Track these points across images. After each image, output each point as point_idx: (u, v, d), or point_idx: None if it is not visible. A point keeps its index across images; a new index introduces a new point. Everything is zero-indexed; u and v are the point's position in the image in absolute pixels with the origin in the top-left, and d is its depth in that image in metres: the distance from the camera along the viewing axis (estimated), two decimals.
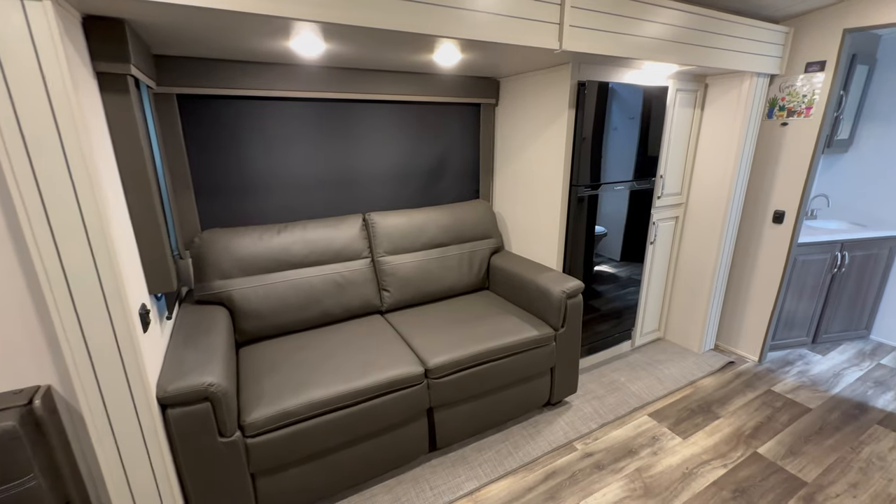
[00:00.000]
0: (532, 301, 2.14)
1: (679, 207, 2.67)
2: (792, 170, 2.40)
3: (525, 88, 2.27)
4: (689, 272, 2.75)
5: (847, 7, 2.09)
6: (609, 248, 2.42)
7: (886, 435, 2.06)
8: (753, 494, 1.73)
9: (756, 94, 2.33)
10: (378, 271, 2.18)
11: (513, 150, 2.45)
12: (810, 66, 2.26)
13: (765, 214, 2.55)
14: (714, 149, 2.50)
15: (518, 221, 2.50)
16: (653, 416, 2.20)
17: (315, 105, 2.11)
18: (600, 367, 2.61)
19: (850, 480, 1.80)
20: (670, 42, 1.87)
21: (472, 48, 1.62)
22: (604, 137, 2.12)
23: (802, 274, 2.67)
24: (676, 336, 2.91)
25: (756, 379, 2.53)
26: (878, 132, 2.83)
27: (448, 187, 2.59)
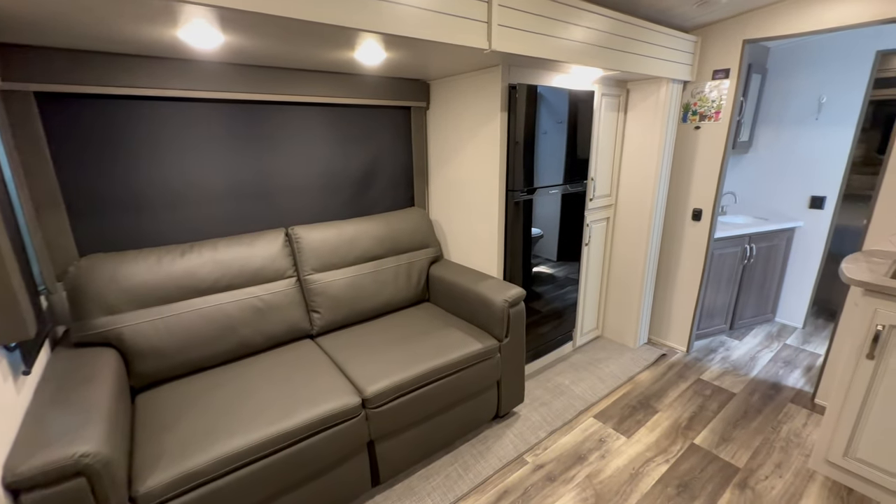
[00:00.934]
0: (474, 312, 2.06)
1: (609, 209, 2.75)
2: (706, 170, 2.56)
3: (456, 91, 2.19)
4: (621, 270, 2.84)
5: (745, 20, 2.26)
6: (546, 249, 2.41)
7: (798, 412, 2.25)
8: (695, 487, 1.78)
9: (672, 99, 2.45)
10: (305, 291, 1.97)
11: (446, 155, 2.36)
12: (717, 73, 2.43)
13: (685, 213, 2.70)
14: (638, 151, 2.60)
15: (456, 229, 2.41)
16: (598, 418, 2.20)
17: (224, 107, 1.86)
18: (545, 372, 2.60)
19: (774, 461, 1.91)
20: (595, 46, 1.88)
21: (397, 46, 1.50)
22: (536, 141, 2.10)
23: (719, 266, 2.86)
24: (614, 333, 2.99)
25: (686, 369, 2.66)
26: (771, 135, 3.14)
27: (381, 195, 2.44)
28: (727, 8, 2.16)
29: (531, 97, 1.98)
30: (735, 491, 1.75)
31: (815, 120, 2.92)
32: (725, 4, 2.11)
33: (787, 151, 3.08)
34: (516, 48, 1.58)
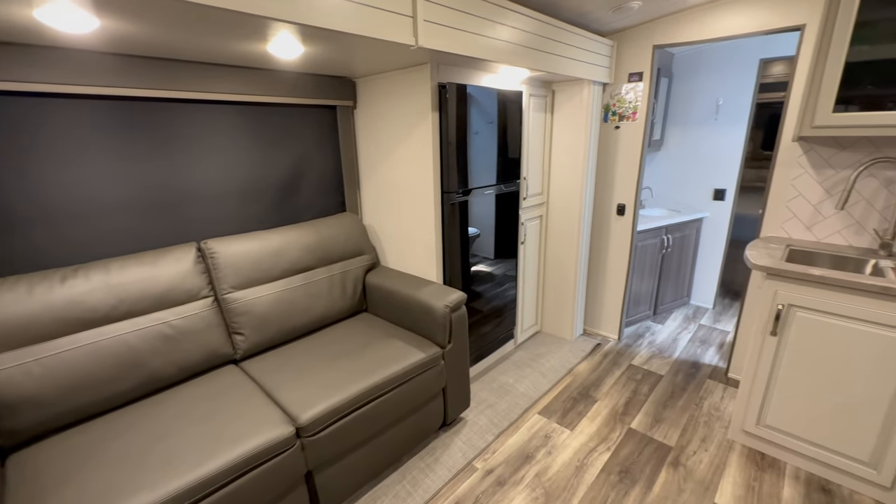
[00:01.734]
0: (415, 319, 1.98)
1: (542, 207, 2.82)
2: (627, 167, 2.71)
3: (384, 90, 2.09)
4: (556, 265, 2.93)
5: (654, 27, 2.42)
6: (483, 248, 2.40)
7: (716, 387, 2.46)
8: (635, 471, 1.86)
9: (594, 100, 2.56)
10: (225, 312, 1.76)
11: (378, 156, 2.25)
12: (632, 76, 2.57)
13: (610, 208, 2.85)
14: (565, 151, 2.68)
15: (392, 233, 2.31)
16: (542, 414, 2.24)
17: (114, 106, 1.59)
18: (489, 372, 2.60)
19: (700, 435, 2.07)
20: (522, 47, 1.89)
21: (316, 39, 1.37)
22: (468, 142, 2.07)
23: (642, 257, 3.06)
24: (552, 327, 3.08)
25: (619, 356, 2.81)
26: (678, 134, 3.42)
27: (308, 201, 2.27)
28: (638, 15, 2.29)
29: (462, 97, 1.95)
30: (669, 469, 1.86)
31: (714, 120, 3.23)
32: (637, 12, 2.23)
33: (693, 148, 3.37)
34: (444, 45, 1.52)
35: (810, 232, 2.12)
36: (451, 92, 1.88)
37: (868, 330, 1.58)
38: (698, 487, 1.76)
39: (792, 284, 1.71)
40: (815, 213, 2.09)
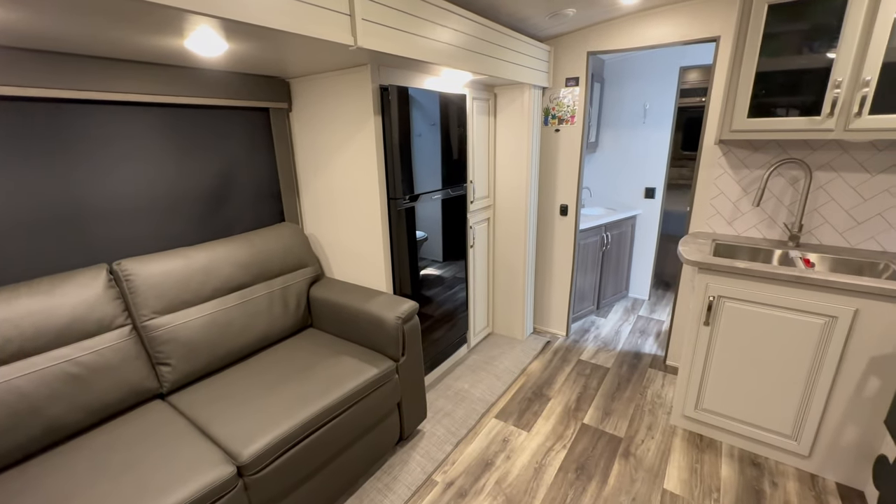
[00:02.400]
0: (365, 333, 1.88)
1: (489, 209, 2.83)
2: (568, 169, 2.80)
3: (322, 91, 1.97)
4: (505, 267, 2.95)
5: (587, 34, 2.51)
6: (431, 251, 2.35)
7: (657, 375, 2.61)
8: (590, 466, 1.90)
9: (535, 104, 2.61)
10: (147, 341, 1.55)
11: (318, 162, 2.12)
12: (569, 81, 2.66)
13: (554, 208, 2.92)
14: (509, 153, 2.71)
15: (336, 243, 2.19)
16: (499, 417, 2.23)
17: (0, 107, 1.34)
18: (444, 379, 2.56)
19: (646, 424, 2.17)
20: (464, 50, 1.87)
21: (243, 35, 1.24)
22: (414, 147, 2.01)
23: (584, 254, 3.18)
24: (503, 328, 3.11)
25: (568, 352, 2.89)
26: (612, 136, 3.61)
27: (241, 212, 2.08)
28: (573, 22, 2.37)
29: (404, 100, 1.88)
30: (622, 461, 1.93)
31: (642, 123, 3.44)
32: (572, 19, 2.30)
33: (625, 150, 3.57)
34: (385, 46, 1.45)
35: (731, 227, 2.31)
36: (394, 95, 1.81)
37: (785, 315, 1.74)
38: (648, 475, 1.85)
39: (721, 277, 1.84)
40: (735, 210, 2.28)
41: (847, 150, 1.95)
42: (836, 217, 2.04)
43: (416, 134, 2.01)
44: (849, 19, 1.62)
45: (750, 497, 1.73)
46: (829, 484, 1.78)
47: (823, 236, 2.08)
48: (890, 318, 1.55)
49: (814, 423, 1.77)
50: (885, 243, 1.96)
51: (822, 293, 1.65)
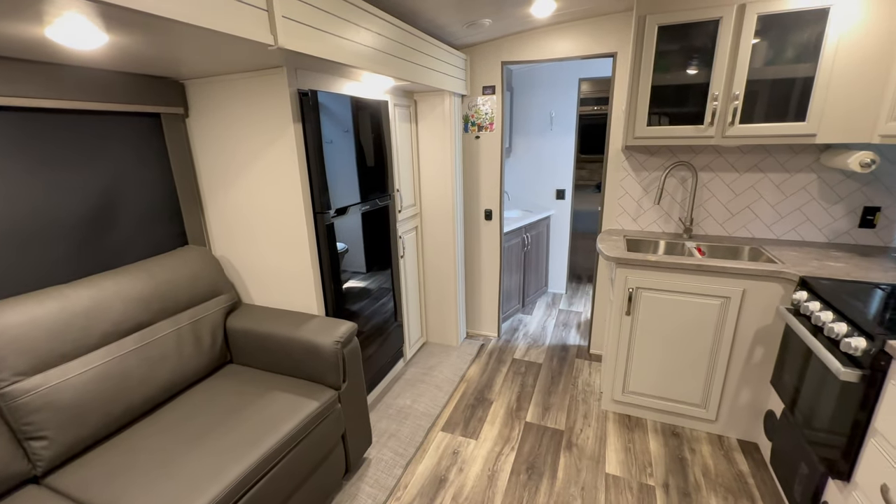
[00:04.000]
0: (298, 363, 1.70)
1: (416, 218, 2.78)
2: (490, 174, 2.87)
3: (227, 95, 1.74)
4: (436, 274, 2.92)
5: (501, 45, 2.60)
6: (353, 262, 2.21)
7: (584, 364, 2.79)
8: (539, 463, 1.95)
9: (455, 111, 2.63)
10: (8, 412, 1.20)
11: (227, 175, 1.87)
12: (486, 89, 2.73)
13: (479, 213, 2.98)
14: (433, 161, 2.69)
15: (254, 265, 1.95)
16: (446, 430, 2.19)
17: None
18: (384, 398, 2.44)
19: (582, 413, 2.30)
20: (387, 55, 1.79)
21: (125, 25, 1.02)
22: (338, 156, 1.88)
23: (509, 256, 3.30)
24: (438, 336, 3.08)
25: (502, 353, 2.96)
26: (524, 142, 3.80)
27: (132, 237, 1.75)
28: (489, 32, 2.43)
29: (328, 106, 1.75)
30: (566, 453, 2.01)
31: (550, 130, 3.68)
32: (487, 29, 2.36)
33: (536, 155, 3.78)
34: (309, 48, 1.32)
35: (636, 223, 2.57)
36: (315, 100, 1.67)
37: (690, 300, 1.97)
38: (591, 463, 1.95)
39: (637, 270, 2.02)
40: (639, 208, 2.54)
41: (721, 154, 2.29)
42: (717, 210, 2.37)
43: (340, 143, 1.88)
44: (720, 42, 1.89)
45: (676, 465, 1.92)
46: (732, 441, 2.06)
47: (708, 228, 2.41)
48: (768, 294, 1.84)
49: (717, 391, 2.03)
50: (754, 231, 2.33)
51: (718, 278, 1.90)
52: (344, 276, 2.08)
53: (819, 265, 1.82)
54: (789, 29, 1.81)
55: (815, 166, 2.14)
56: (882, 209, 2.08)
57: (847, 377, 1.27)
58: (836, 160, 1.94)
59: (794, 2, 1.76)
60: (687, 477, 1.85)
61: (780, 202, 2.24)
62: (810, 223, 2.21)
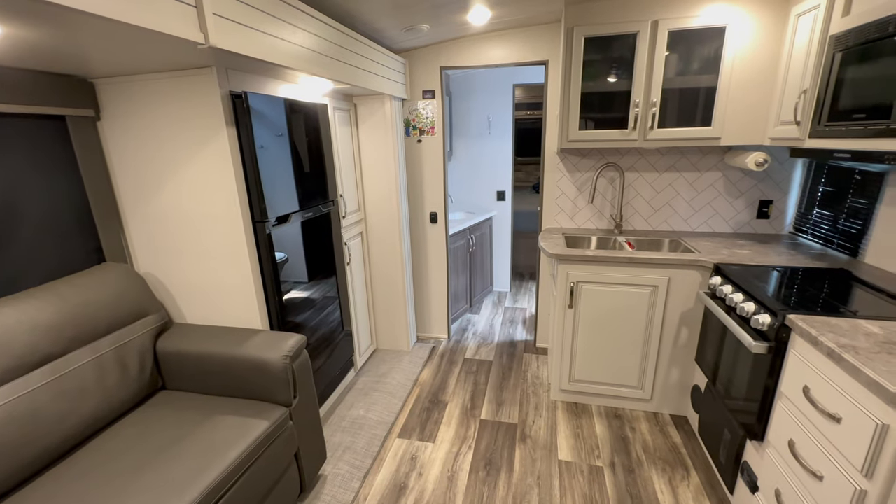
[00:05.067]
0: (244, 382, 1.60)
1: (361, 223, 2.72)
2: (433, 178, 2.90)
3: (149, 96, 1.59)
4: (383, 280, 2.89)
5: (439, 50, 2.64)
6: (294, 272, 2.12)
7: (531, 358, 2.91)
8: (496, 458, 2.00)
9: (395, 115, 2.62)
10: None
11: (148, 183, 1.70)
12: (425, 93, 2.75)
13: (424, 217, 2.99)
14: (376, 165, 2.66)
15: (187, 280, 1.80)
16: (402, 436, 2.17)
17: None
18: (337, 409, 2.36)
19: (533, 405, 2.40)
20: (326, 57, 1.75)
21: (22, 15, 0.90)
22: (277, 161, 1.79)
23: (455, 258, 3.34)
24: (388, 342, 3.04)
25: (453, 353, 3.00)
26: (464, 145, 3.88)
27: (37, 256, 1.53)
28: (427, 37, 2.45)
29: (264, 109, 1.66)
30: (521, 446, 2.08)
31: (488, 133, 3.80)
32: (426, 34, 2.38)
33: (477, 158, 3.88)
34: (242, 47, 1.25)
35: (573, 221, 2.73)
36: (250, 103, 1.58)
37: (624, 290, 2.13)
38: (544, 452, 2.04)
39: (577, 265, 2.15)
40: (574, 207, 2.70)
41: (644, 155, 2.51)
42: (642, 207, 2.60)
43: (276, 147, 1.79)
44: (638, 54, 2.07)
45: (619, 444, 2.07)
46: (666, 417, 2.26)
47: (636, 223, 2.63)
48: (689, 281, 2.04)
49: (651, 372, 2.22)
50: (673, 224, 2.58)
51: (646, 268, 2.07)
52: (285, 287, 1.99)
53: (729, 253, 2.06)
54: (695, 44, 2.03)
55: (720, 165, 2.42)
56: (774, 202, 2.41)
57: (757, 350, 1.45)
58: (737, 160, 2.21)
59: (696, 20, 1.98)
60: (630, 454, 2.00)
61: (693, 198, 2.50)
62: (719, 216, 2.50)
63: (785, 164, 2.33)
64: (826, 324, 1.27)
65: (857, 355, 1.09)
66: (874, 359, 1.07)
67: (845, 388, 1.11)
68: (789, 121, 1.84)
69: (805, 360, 1.27)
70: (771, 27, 1.93)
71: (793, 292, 1.55)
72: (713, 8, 1.96)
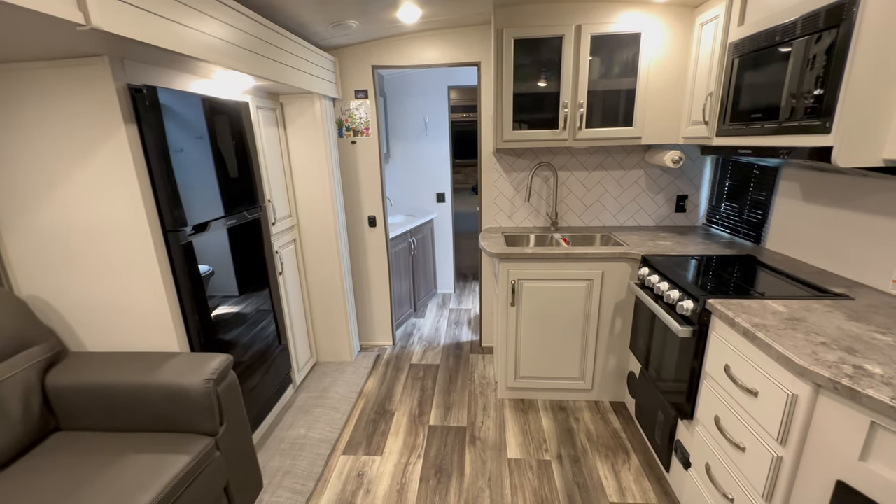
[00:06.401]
0: (159, 413, 1.41)
1: (294, 230, 2.56)
2: (370, 180, 2.80)
3: (28, 88, 1.35)
4: (321, 289, 2.74)
5: (371, 48, 2.56)
6: (222, 286, 1.95)
7: (478, 358, 2.91)
8: (446, 465, 1.96)
9: (326, 115, 2.50)
10: None
11: (35, 190, 1.45)
12: (358, 93, 2.66)
13: (362, 221, 2.89)
14: (307, 167, 2.52)
15: (85, 301, 1.56)
16: (348, 452, 2.05)
17: None
18: (275, 431, 2.18)
19: (481, 406, 2.39)
20: (243, 49, 1.61)
21: None
22: (189, 164, 1.61)
23: (396, 261, 3.27)
24: (329, 354, 2.88)
25: (399, 360, 2.92)
26: (402, 147, 3.82)
27: None
28: (357, 35, 2.37)
29: (172, 106, 1.48)
30: (471, 448, 2.06)
31: (426, 135, 3.77)
32: (355, 31, 2.29)
33: (415, 160, 3.84)
34: (137, 33, 1.10)
35: (511, 220, 2.77)
36: (154, 98, 1.40)
37: (563, 285, 2.19)
38: (494, 452, 2.03)
39: (517, 263, 2.18)
40: (512, 206, 2.75)
41: (574, 155, 2.61)
42: (575, 204, 2.70)
43: (191, 149, 1.62)
44: (564, 57, 2.15)
45: (565, 436, 2.12)
46: (606, 405, 2.36)
47: (570, 220, 2.73)
48: (620, 273, 2.15)
49: (591, 363, 2.31)
50: (604, 220, 2.71)
51: (582, 263, 2.15)
52: (212, 303, 1.80)
53: (654, 245, 2.19)
54: (615, 49, 2.14)
55: (642, 163, 2.58)
56: (689, 196, 2.61)
57: (683, 334, 1.54)
58: (656, 158, 2.37)
59: (614, 26, 2.09)
60: (575, 444, 2.06)
61: (620, 194, 2.65)
62: (643, 211, 2.66)
63: (696, 162, 2.55)
64: (740, 306, 1.38)
65: (768, 333, 1.18)
66: (782, 335, 1.17)
67: (760, 364, 1.20)
68: (699, 121, 2.00)
69: (725, 341, 1.37)
70: (679, 34, 2.09)
71: (710, 279, 1.68)
72: (629, 15, 2.08)
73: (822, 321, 1.25)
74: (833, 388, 0.97)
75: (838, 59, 1.21)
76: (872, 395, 0.90)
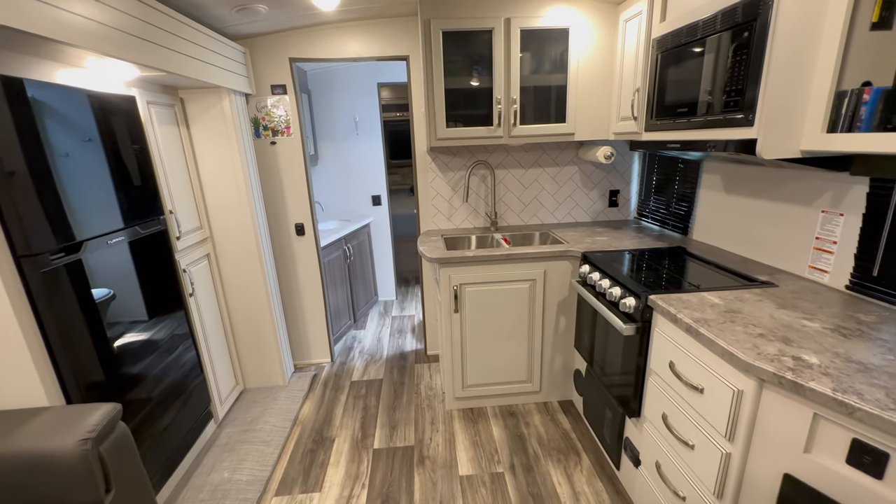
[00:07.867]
0: (18, 489, 1.11)
1: (206, 243, 2.25)
2: (295, 184, 2.55)
3: None
4: (244, 308, 2.44)
5: (286, 39, 2.32)
6: (128, 310, 1.64)
7: (423, 368, 2.77)
8: (394, 492, 1.80)
9: (239, 112, 2.22)
10: None
11: None
12: (275, 88, 2.40)
13: (289, 229, 2.62)
14: (219, 171, 2.22)
15: None
16: (281, 492, 1.82)
17: None
18: (192, 478, 1.88)
19: (429, 420, 2.25)
20: (121, 32, 1.33)
21: None
22: (57, 170, 1.30)
23: (331, 271, 3.03)
24: (258, 379, 2.59)
25: (339, 378, 2.69)
26: (331, 148, 3.57)
27: None
28: (269, 22, 2.12)
29: (23, 99, 1.18)
30: (420, 470, 1.92)
31: (356, 135, 3.55)
32: (267, 19, 2.05)
33: (346, 161, 3.60)
34: None
35: (451, 221, 2.67)
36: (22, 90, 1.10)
37: (505, 287, 2.12)
38: (444, 471, 1.90)
39: (458, 267, 2.07)
40: (451, 207, 2.64)
41: (510, 152, 2.56)
42: (513, 203, 2.66)
43: (61, 153, 1.31)
44: (495, 51, 2.07)
45: (517, 443, 2.04)
46: (555, 405, 2.33)
47: (509, 219, 2.68)
48: (562, 271, 2.12)
49: (538, 364, 2.26)
50: (542, 218, 2.69)
51: (524, 263, 2.09)
52: (114, 331, 1.50)
53: (591, 241, 2.19)
54: (545, 44, 2.11)
55: (576, 160, 2.59)
56: (620, 191, 2.67)
57: (628, 332, 1.52)
58: (589, 154, 2.38)
59: (543, 20, 2.05)
60: (527, 451, 1.99)
61: (556, 191, 2.64)
62: (579, 207, 2.68)
63: (626, 157, 2.61)
64: (680, 300, 1.37)
65: (710, 328, 1.17)
66: (724, 329, 1.16)
67: (704, 361, 1.18)
68: (628, 116, 2.01)
69: (668, 338, 1.35)
70: (605, 31, 2.10)
71: (648, 273, 1.68)
72: (556, 10, 2.05)
73: (755, 311, 1.26)
74: (778, 383, 0.96)
75: (757, 52, 1.22)
76: (815, 388, 0.89)
